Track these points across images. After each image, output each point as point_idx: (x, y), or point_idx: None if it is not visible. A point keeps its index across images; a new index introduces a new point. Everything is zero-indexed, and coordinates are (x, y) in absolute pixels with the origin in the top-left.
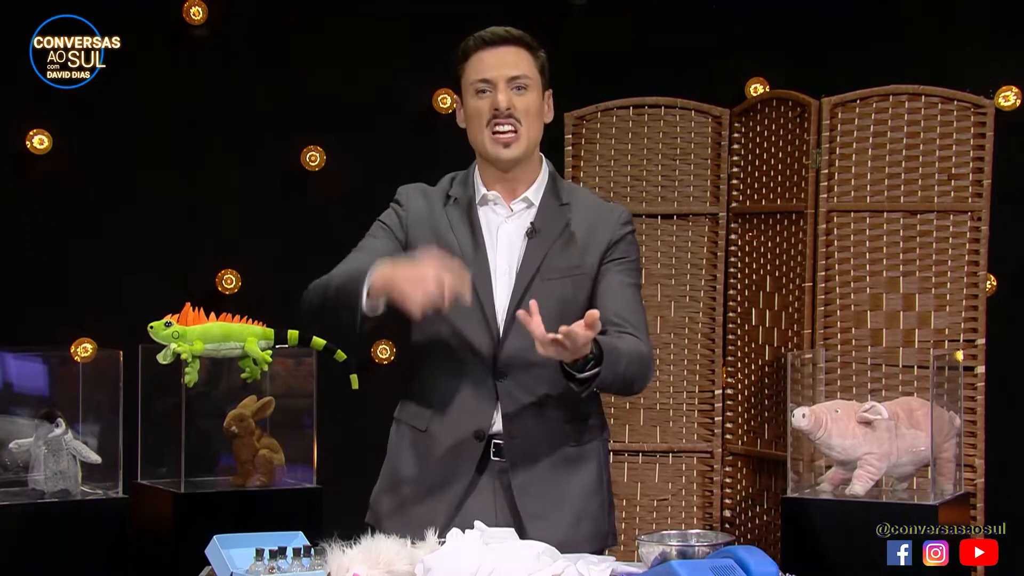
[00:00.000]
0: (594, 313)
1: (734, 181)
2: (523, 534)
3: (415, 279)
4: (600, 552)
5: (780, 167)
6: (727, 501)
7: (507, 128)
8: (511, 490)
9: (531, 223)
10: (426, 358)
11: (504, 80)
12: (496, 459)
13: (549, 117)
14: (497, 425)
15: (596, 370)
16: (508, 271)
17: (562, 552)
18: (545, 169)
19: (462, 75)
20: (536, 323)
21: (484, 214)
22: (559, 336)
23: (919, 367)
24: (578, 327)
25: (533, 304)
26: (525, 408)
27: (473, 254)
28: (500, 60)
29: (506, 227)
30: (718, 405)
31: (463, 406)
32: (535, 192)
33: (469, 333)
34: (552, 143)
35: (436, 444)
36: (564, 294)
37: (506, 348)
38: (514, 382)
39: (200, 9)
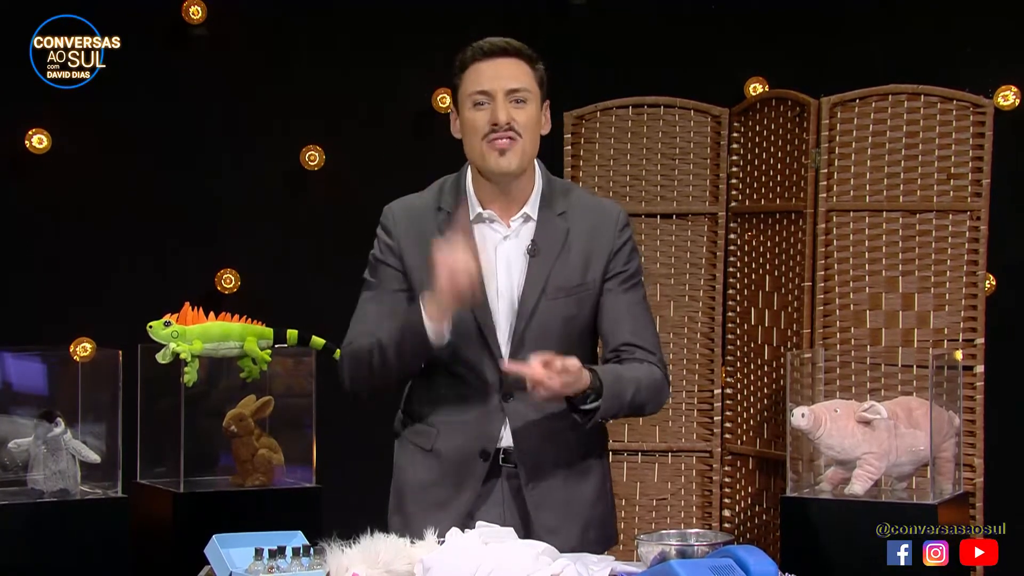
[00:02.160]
0: (543, 359)
1: (733, 180)
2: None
3: (449, 272)
4: (603, 552)
5: (779, 167)
6: (726, 501)
7: (505, 140)
8: (521, 495)
9: (532, 240)
10: (429, 381)
11: (503, 92)
12: (505, 465)
13: (546, 129)
14: (504, 441)
15: (596, 404)
16: (510, 292)
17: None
18: (539, 178)
19: (459, 86)
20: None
21: (480, 232)
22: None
23: (918, 366)
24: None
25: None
26: (534, 424)
27: None
28: (499, 72)
29: (505, 246)
30: (717, 405)
31: (469, 427)
32: (532, 206)
33: (472, 358)
34: (551, 142)
35: (442, 462)
36: (568, 312)
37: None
38: (521, 401)
39: (199, 8)
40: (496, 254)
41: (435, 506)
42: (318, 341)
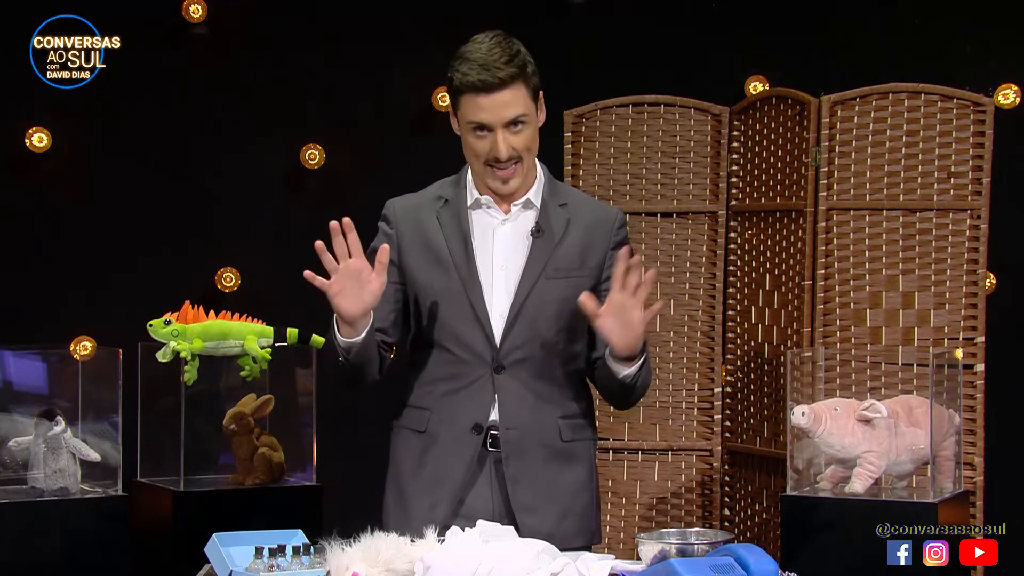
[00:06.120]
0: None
1: (733, 179)
2: (514, 525)
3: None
4: (586, 548)
5: (780, 165)
6: (726, 499)
7: (507, 171)
8: (506, 482)
9: (536, 222)
10: (423, 364)
11: (502, 124)
12: (492, 450)
13: (542, 120)
14: (494, 416)
15: (644, 356)
16: (506, 271)
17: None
18: (541, 171)
19: (456, 107)
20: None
21: (477, 217)
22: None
23: (918, 365)
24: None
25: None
26: (522, 400)
27: (463, 257)
28: (496, 103)
29: (503, 229)
30: (717, 403)
31: (461, 402)
32: (535, 194)
33: (466, 336)
34: (551, 141)
35: (435, 441)
36: (565, 294)
37: (505, 346)
38: (511, 375)
39: (199, 7)
40: (494, 237)
41: (427, 487)
42: (318, 340)
